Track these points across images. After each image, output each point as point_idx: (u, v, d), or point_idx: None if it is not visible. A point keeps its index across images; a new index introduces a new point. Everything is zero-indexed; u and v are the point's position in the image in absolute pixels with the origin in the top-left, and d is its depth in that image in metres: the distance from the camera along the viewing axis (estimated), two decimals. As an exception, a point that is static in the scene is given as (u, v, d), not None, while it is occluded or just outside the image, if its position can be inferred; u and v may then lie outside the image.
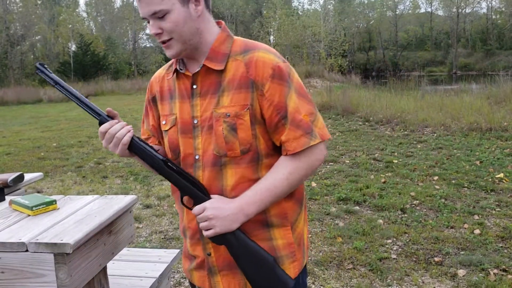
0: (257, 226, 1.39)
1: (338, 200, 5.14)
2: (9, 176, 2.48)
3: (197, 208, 1.34)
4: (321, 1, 43.43)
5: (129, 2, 49.75)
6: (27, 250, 1.56)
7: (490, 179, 5.60)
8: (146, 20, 1.34)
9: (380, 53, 52.80)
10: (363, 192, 5.34)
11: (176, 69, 1.44)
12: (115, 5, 53.24)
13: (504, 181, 5.50)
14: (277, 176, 1.34)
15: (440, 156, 6.98)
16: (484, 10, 53.73)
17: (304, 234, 1.50)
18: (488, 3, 52.49)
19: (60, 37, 41.91)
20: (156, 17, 1.30)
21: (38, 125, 13.23)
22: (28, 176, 2.80)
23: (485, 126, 8.61)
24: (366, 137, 8.97)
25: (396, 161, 6.77)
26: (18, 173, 2.58)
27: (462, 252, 3.72)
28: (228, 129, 1.33)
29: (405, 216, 4.58)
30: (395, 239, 4.04)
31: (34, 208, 1.84)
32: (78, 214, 1.84)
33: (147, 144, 1.38)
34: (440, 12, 55.96)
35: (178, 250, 2.78)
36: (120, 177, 6.67)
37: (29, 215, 1.84)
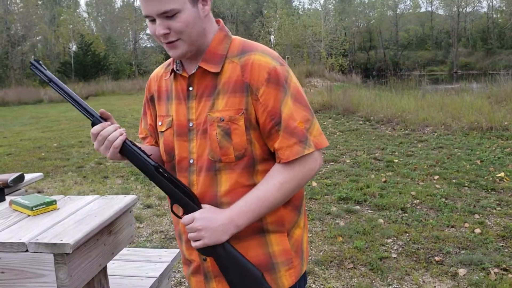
0: (253, 232, 1.35)
1: (339, 200, 5.14)
2: (10, 177, 2.48)
3: (186, 218, 1.30)
4: (322, 1, 43.44)
5: (130, 2, 49.78)
6: (27, 250, 1.56)
7: (491, 178, 5.60)
8: (149, 19, 1.28)
9: (381, 53, 52.79)
10: (364, 192, 5.35)
11: (174, 69, 1.41)
12: (116, 5, 53.30)
13: (505, 180, 5.49)
14: (269, 186, 1.29)
15: (441, 156, 6.97)
16: (485, 9, 53.71)
17: (303, 241, 1.46)
18: (489, 2, 52.40)
19: (61, 38, 41.95)
20: (165, 17, 1.24)
21: (39, 126, 13.25)
22: (29, 176, 2.80)
23: (486, 125, 8.61)
24: (367, 137, 8.97)
25: (397, 161, 6.77)
26: (19, 174, 2.58)
27: (463, 251, 3.72)
28: (222, 134, 1.29)
29: (406, 216, 4.58)
30: (396, 239, 4.04)
31: (34, 208, 1.85)
32: (78, 214, 1.84)
33: (139, 148, 1.34)
34: (441, 11, 55.97)
35: (179, 250, 2.77)
36: (121, 177, 6.68)
37: (29, 215, 1.84)
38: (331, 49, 36.63)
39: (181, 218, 1.32)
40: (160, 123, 1.46)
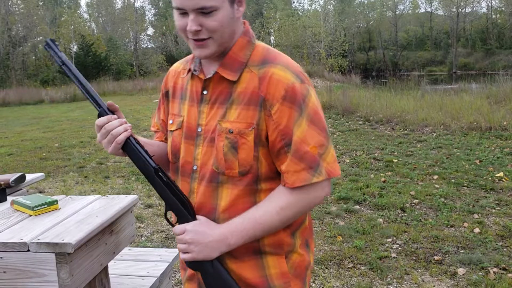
0: (249, 253, 1.28)
1: (338, 199, 5.16)
2: (11, 177, 2.49)
3: (178, 228, 1.24)
4: (321, 2, 43.41)
5: (130, 3, 49.79)
6: (29, 250, 1.58)
7: (490, 178, 5.61)
8: (181, 11, 1.19)
9: (380, 53, 52.75)
10: (363, 191, 5.36)
11: (191, 70, 1.34)
12: (116, 6, 53.29)
13: (504, 180, 5.51)
14: (269, 209, 1.22)
15: (440, 155, 6.99)
16: (484, 10, 53.70)
17: (305, 265, 1.36)
18: (488, 3, 52.53)
19: (62, 38, 41.93)
20: (201, 12, 1.16)
21: (40, 126, 13.26)
22: (30, 177, 2.81)
23: (485, 126, 8.62)
24: (366, 137, 8.98)
25: (396, 161, 6.78)
26: (20, 174, 2.60)
27: (462, 251, 3.74)
28: (229, 147, 1.22)
29: (405, 215, 4.60)
30: (395, 238, 4.06)
31: (36, 208, 1.86)
32: (80, 214, 1.86)
33: (142, 148, 1.27)
34: (440, 12, 55.94)
35: (179, 250, 2.78)
36: (122, 177, 6.69)
37: (31, 215, 1.86)
38: (331, 50, 36.65)
39: (173, 226, 1.27)
40: (171, 122, 1.40)
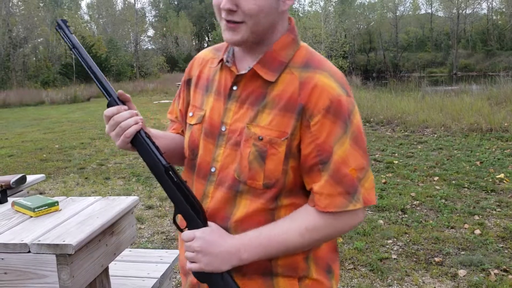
0: (259, 272, 1.15)
1: (339, 201, 5.15)
2: (12, 178, 2.50)
3: (187, 235, 1.12)
4: (322, 3, 43.42)
5: (131, 5, 49.85)
6: (30, 251, 1.58)
7: (491, 180, 5.61)
8: None
9: (381, 54, 52.77)
10: (364, 193, 5.35)
11: (223, 60, 1.20)
12: (117, 8, 53.39)
13: (505, 182, 5.50)
14: (292, 227, 1.09)
15: (441, 157, 6.99)
16: (485, 11, 53.73)
17: None
18: (489, 4, 52.43)
19: (62, 40, 42.01)
20: None
21: (41, 127, 13.26)
22: (31, 178, 2.81)
23: (486, 127, 8.62)
24: (367, 138, 8.86)
25: (397, 162, 6.78)
26: (21, 175, 2.60)
27: (463, 252, 3.74)
28: (256, 155, 1.09)
29: (406, 217, 4.60)
30: (396, 239, 4.05)
31: (36, 210, 1.86)
32: (80, 215, 1.86)
33: (153, 143, 1.14)
34: (441, 13, 55.99)
35: (179, 251, 2.79)
36: (122, 178, 6.69)
37: (31, 217, 1.86)
38: (331, 51, 36.66)
39: (182, 232, 1.16)
40: (191, 114, 1.26)
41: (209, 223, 1.13)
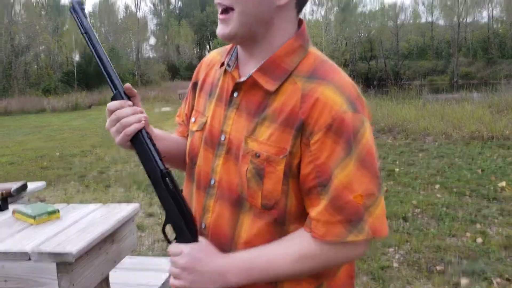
0: None
1: (340, 209, 5.14)
2: (13, 186, 2.50)
3: (174, 248, 1.05)
4: (323, 12, 43.63)
5: (132, 13, 50.08)
6: (30, 259, 1.58)
7: (492, 188, 5.59)
8: None
9: (382, 62, 52.89)
10: (365, 201, 5.34)
11: (225, 63, 1.13)
12: (119, 16, 53.66)
13: (506, 190, 5.49)
14: (287, 252, 0.99)
15: (442, 165, 6.98)
16: (485, 20, 53.89)
17: None
18: (489, 13, 52.61)
19: (64, 47, 42.19)
20: None
21: (42, 135, 13.28)
22: (31, 186, 2.81)
23: (487, 135, 8.62)
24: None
25: (398, 170, 6.77)
26: (22, 182, 2.60)
27: (465, 261, 3.72)
28: (253, 173, 1.00)
29: (407, 225, 4.58)
30: (397, 248, 4.04)
31: (37, 217, 1.86)
32: (81, 223, 1.85)
33: (154, 145, 1.06)
34: (441, 22, 56.14)
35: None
36: (123, 186, 6.69)
37: (32, 224, 1.86)
38: (332, 59, 36.66)
39: (170, 243, 1.08)
40: (194, 120, 1.19)
41: (200, 239, 1.05)
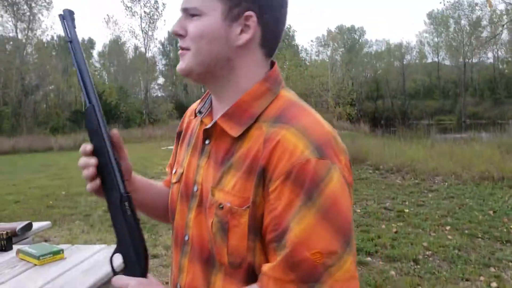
0: None
1: (349, 250, 5.04)
2: (18, 225, 2.47)
3: (120, 280, 0.98)
4: (329, 52, 44.32)
5: (142, 53, 51.08)
6: (32, 302, 1.53)
7: (505, 230, 5.48)
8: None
9: (388, 102, 53.30)
10: (375, 242, 5.24)
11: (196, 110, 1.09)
12: (128, 56, 54.74)
13: (519, 232, 5.38)
14: None
15: (452, 206, 6.88)
16: (491, 60, 54.47)
17: None
18: (494, 53, 53.22)
19: (73, 87, 42.93)
20: (187, 14, 0.96)
21: (48, 173, 13.32)
22: (36, 225, 2.79)
23: (497, 175, 8.53)
24: (377, 186, 8.90)
25: (408, 210, 6.68)
26: (27, 222, 2.58)
27: (479, 306, 3.60)
28: (218, 227, 0.91)
29: (418, 268, 4.47)
30: (409, 292, 3.93)
31: (41, 258, 1.83)
32: (85, 264, 1.82)
33: (118, 166, 1.00)
34: (447, 62, 56.81)
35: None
36: (128, 226, 6.63)
37: (36, 265, 1.83)
38: (339, 98, 37.15)
39: (116, 274, 1.01)
40: (174, 171, 1.13)
41: (148, 276, 1.00)
